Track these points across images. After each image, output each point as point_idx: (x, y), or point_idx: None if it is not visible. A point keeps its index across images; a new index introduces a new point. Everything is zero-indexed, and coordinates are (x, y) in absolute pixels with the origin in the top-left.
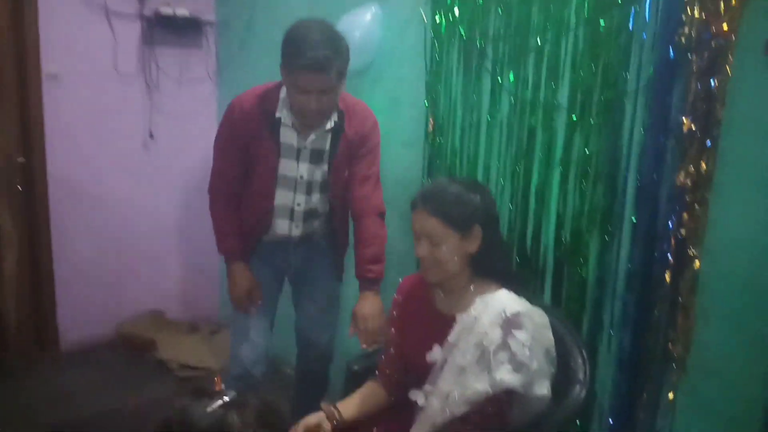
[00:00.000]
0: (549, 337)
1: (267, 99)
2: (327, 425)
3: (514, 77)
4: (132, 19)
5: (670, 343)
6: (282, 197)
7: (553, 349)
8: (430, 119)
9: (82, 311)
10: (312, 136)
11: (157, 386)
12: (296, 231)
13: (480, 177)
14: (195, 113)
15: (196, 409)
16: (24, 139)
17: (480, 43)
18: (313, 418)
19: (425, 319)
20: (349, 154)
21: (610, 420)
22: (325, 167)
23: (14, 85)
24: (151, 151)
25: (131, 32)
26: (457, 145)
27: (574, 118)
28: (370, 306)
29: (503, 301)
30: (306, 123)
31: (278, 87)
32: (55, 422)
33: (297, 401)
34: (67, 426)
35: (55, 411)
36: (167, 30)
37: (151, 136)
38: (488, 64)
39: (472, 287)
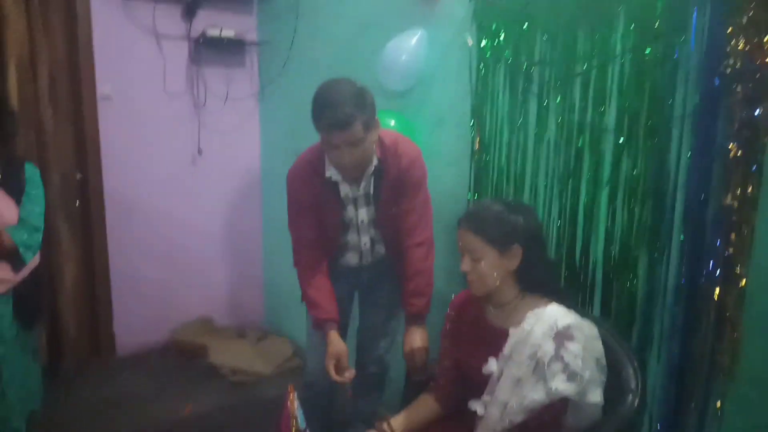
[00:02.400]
0: (599, 347)
1: (315, 163)
2: None
3: (561, 101)
4: (180, 41)
5: (718, 355)
6: (351, 238)
7: (603, 359)
8: (477, 138)
9: (137, 319)
10: (363, 183)
11: (210, 390)
12: (366, 262)
13: (527, 195)
14: (239, 129)
15: None
16: (80, 157)
17: (526, 67)
18: None
19: (478, 333)
20: (393, 193)
21: (658, 426)
22: (372, 208)
23: (71, 106)
24: (199, 167)
25: (179, 53)
26: (504, 163)
27: (621, 141)
28: (414, 340)
29: (554, 314)
30: (347, 175)
31: (321, 149)
32: (113, 427)
33: (354, 407)
34: (127, 428)
35: (113, 415)
36: (213, 50)
37: (200, 152)
38: (534, 88)
39: (522, 302)
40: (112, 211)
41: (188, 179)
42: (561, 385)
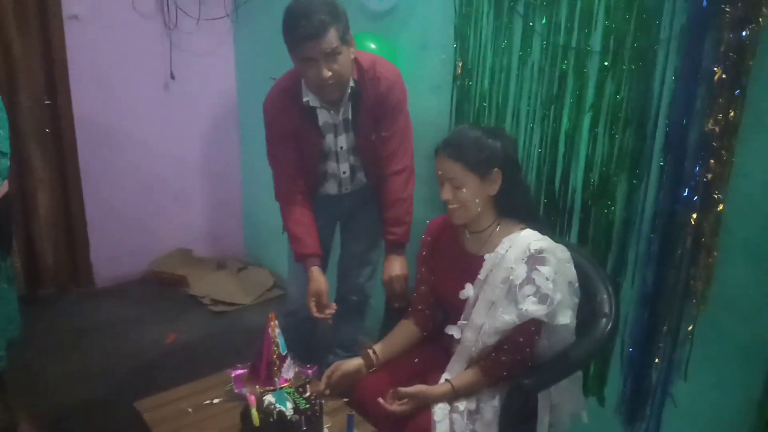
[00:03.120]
0: (571, 270)
1: (291, 89)
2: (364, 370)
3: (547, 21)
4: None
5: (691, 281)
6: (329, 167)
7: (575, 281)
8: (459, 62)
9: (114, 249)
10: (342, 108)
11: (191, 319)
12: (345, 191)
13: (509, 121)
14: (214, 52)
15: None
16: (49, 81)
17: None
18: (350, 366)
19: (455, 259)
20: (372, 118)
21: (630, 349)
22: (351, 134)
23: (37, 28)
24: (173, 91)
25: None
26: (486, 88)
27: (607, 64)
28: (394, 268)
29: (528, 239)
30: (327, 98)
31: (297, 75)
32: (96, 350)
33: (336, 333)
34: (108, 354)
35: (95, 342)
36: None
37: (173, 76)
38: (520, 8)
39: (497, 228)
40: (83, 138)
41: (162, 105)
42: (531, 306)
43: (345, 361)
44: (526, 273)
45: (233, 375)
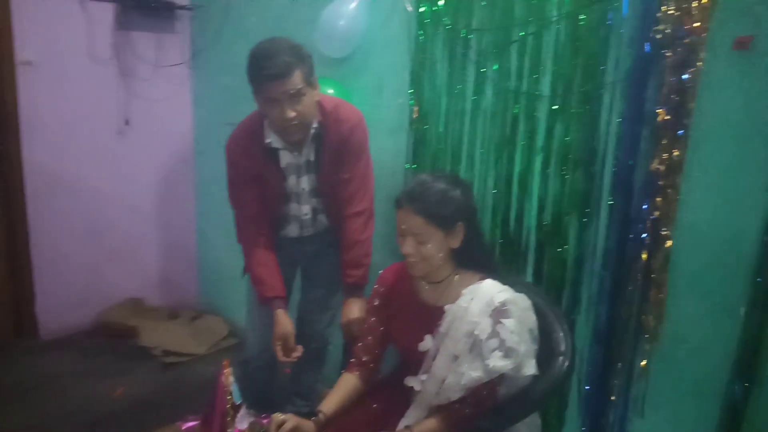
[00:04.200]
0: (532, 318)
1: (254, 130)
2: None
3: (498, 67)
4: (105, 2)
5: (643, 316)
6: (291, 209)
7: (536, 329)
8: (415, 107)
9: (61, 299)
10: (305, 150)
11: (141, 372)
12: (306, 233)
13: (464, 164)
14: (170, 99)
15: None
16: None
17: (464, 33)
18: (305, 426)
19: (412, 310)
20: (334, 160)
21: (587, 387)
22: (314, 176)
23: None
24: (127, 138)
25: (105, 16)
26: (442, 132)
27: (555, 108)
28: (352, 311)
29: (490, 291)
30: (289, 139)
31: (260, 116)
32: (42, 406)
33: (294, 382)
34: (53, 410)
35: (39, 397)
36: (141, 14)
37: (127, 123)
38: (472, 54)
39: (456, 278)
40: (32, 185)
41: (115, 151)
42: (498, 362)
43: (300, 419)
44: (491, 327)
45: (184, 428)
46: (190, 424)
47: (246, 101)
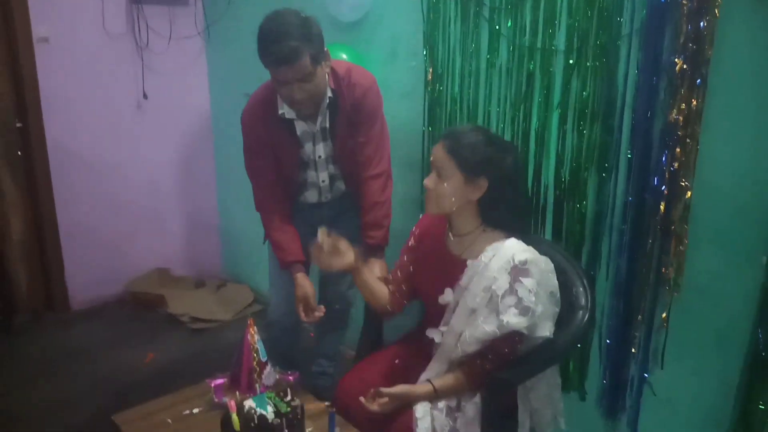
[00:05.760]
0: (553, 281)
1: (268, 101)
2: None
3: (512, 24)
4: None
5: (663, 268)
6: (309, 176)
7: (557, 292)
8: (429, 68)
9: (90, 271)
10: (320, 118)
11: (170, 339)
12: (325, 199)
13: (481, 123)
14: (186, 71)
15: None
16: (19, 104)
17: None
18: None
19: (437, 258)
20: (349, 125)
21: (608, 341)
22: (329, 143)
23: (6, 50)
24: (145, 112)
25: None
26: (457, 92)
27: (572, 62)
28: (373, 272)
29: (512, 249)
30: (301, 112)
31: (273, 86)
32: (74, 376)
33: (317, 342)
34: (85, 379)
35: (72, 366)
36: None
37: (145, 96)
38: (485, 12)
39: (483, 235)
40: (56, 161)
41: (135, 125)
42: (513, 319)
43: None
44: (508, 284)
45: (213, 384)
46: (219, 381)
47: (261, 71)
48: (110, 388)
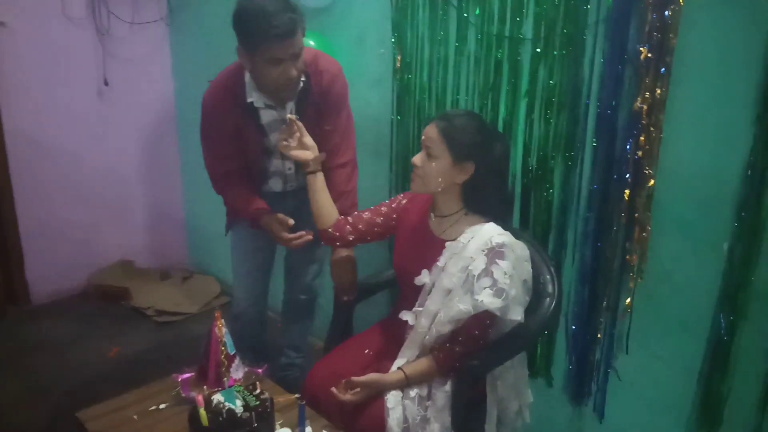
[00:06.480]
0: (528, 268)
1: (234, 87)
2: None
3: (480, 11)
4: None
5: (628, 255)
6: (273, 165)
7: (530, 280)
8: (398, 56)
9: (51, 264)
10: (290, 105)
11: (135, 333)
12: (290, 188)
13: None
14: (149, 57)
15: None
16: None
17: None
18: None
19: (417, 235)
20: (316, 112)
21: (573, 327)
22: None
23: None
24: (107, 99)
25: None
26: (426, 81)
27: (539, 51)
28: (341, 262)
29: (490, 232)
30: (279, 97)
31: (240, 71)
32: (37, 370)
33: (285, 334)
34: (49, 373)
35: (35, 361)
36: None
37: (106, 83)
38: (454, 0)
39: (464, 218)
40: (14, 150)
41: (96, 113)
42: (487, 299)
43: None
44: (485, 265)
45: (180, 379)
46: (186, 375)
47: (225, 57)
48: (75, 382)
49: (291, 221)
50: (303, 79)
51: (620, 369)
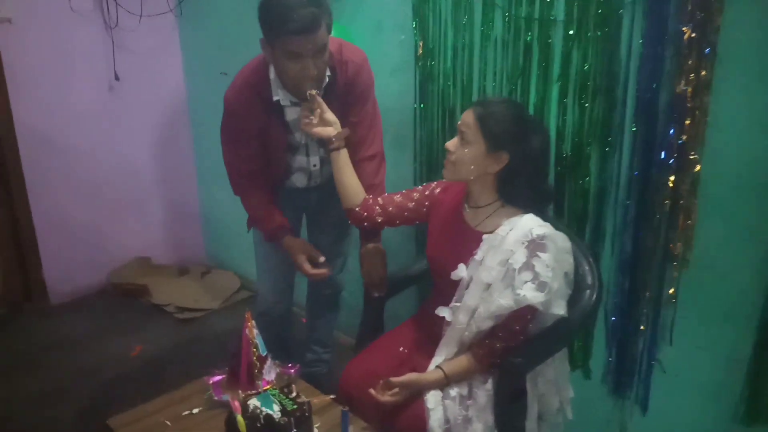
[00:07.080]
0: (570, 260)
1: (259, 84)
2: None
3: None
4: None
5: (671, 244)
6: (297, 161)
7: (572, 273)
8: (420, 42)
9: (68, 262)
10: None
11: (156, 330)
12: (314, 183)
13: (475, 99)
14: (159, 50)
15: None
16: None
17: None
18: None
19: (452, 227)
20: (341, 105)
21: (613, 318)
22: None
23: None
24: (118, 93)
25: None
26: (450, 67)
27: (572, 33)
28: (370, 256)
29: (530, 223)
30: (299, 95)
31: (264, 67)
32: (57, 369)
33: (311, 330)
34: (69, 372)
35: (55, 359)
36: None
37: (117, 77)
38: None
39: (500, 210)
40: (26, 147)
41: (108, 108)
42: (529, 293)
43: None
44: (525, 258)
45: (211, 382)
46: (217, 378)
47: (237, 49)
48: (96, 381)
49: (322, 258)
50: (329, 74)
51: (664, 360)
